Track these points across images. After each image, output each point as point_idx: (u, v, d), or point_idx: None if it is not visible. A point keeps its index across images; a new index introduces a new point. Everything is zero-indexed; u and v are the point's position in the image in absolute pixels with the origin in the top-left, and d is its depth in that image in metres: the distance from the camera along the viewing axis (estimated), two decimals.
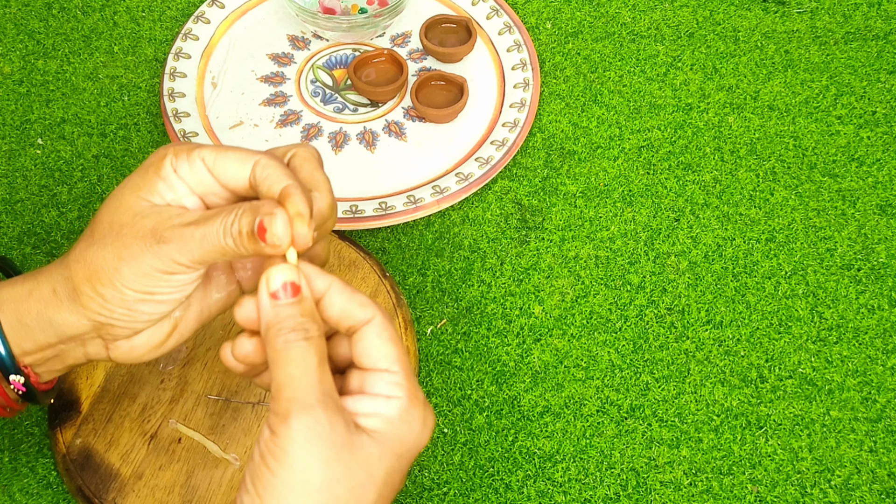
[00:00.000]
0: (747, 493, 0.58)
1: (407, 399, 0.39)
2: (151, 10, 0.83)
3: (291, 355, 0.38)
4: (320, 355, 0.38)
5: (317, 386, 0.37)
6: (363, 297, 0.40)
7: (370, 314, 0.40)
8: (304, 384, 0.37)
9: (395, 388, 0.39)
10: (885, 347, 0.64)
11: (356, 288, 0.41)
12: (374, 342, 0.40)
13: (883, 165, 0.73)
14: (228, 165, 0.43)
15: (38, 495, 0.58)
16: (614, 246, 0.69)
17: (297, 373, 0.37)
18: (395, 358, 0.40)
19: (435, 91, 0.76)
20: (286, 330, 0.38)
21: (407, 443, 0.39)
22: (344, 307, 0.40)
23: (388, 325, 0.40)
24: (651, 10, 0.83)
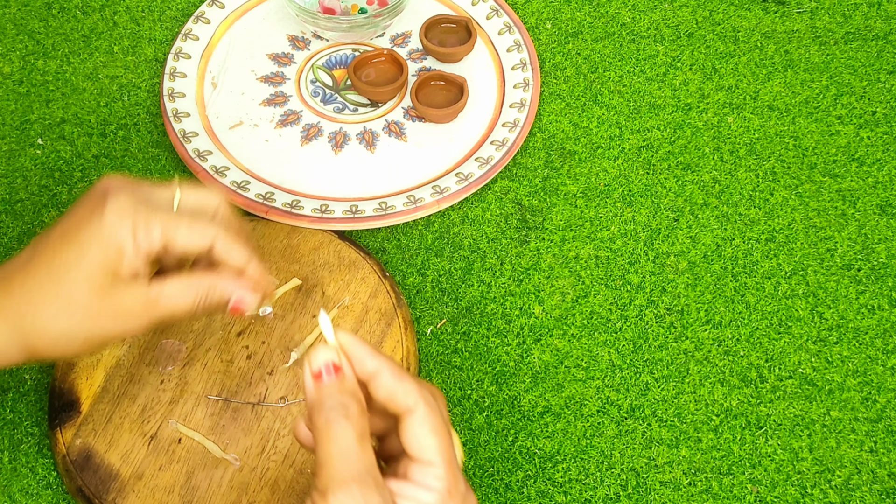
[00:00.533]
0: (747, 493, 0.58)
1: (445, 491, 0.40)
2: (151, 10, 0.83)
3: (331, 434, 0.39)
4: (360, 432, 0.40)
5: (354, 463, 0.39)
6: (410, 383, 0.41)
7: (412, 402, 0.41)
8: (341, 462, 0.39)
9: (434, 479, 0.40)
10: (885, 347, 0.64)
11: (406, 373, 0.42)
12: (416, 432, 0.41)
13: (883, 165, 0.73)
14: (186, 240, 0.48)
15: (37, 495, 0.58)
16: (614, 246, 0.69)
17: (335, 451, 0.39)
18: (435, 450, 0.41)
19: (435, 91, 0.76)
20: (326, 409, 0.40)
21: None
22: (390, 390, 0.41)
23: (430, 414, 0.41)
24: (651, 10, 0.83)
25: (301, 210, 0.68)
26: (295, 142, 0.74)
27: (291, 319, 0.63)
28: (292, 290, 0.64)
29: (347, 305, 0.63)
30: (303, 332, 0.62)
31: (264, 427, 0.58)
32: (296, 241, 0.67)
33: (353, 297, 0.64)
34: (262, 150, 0.73)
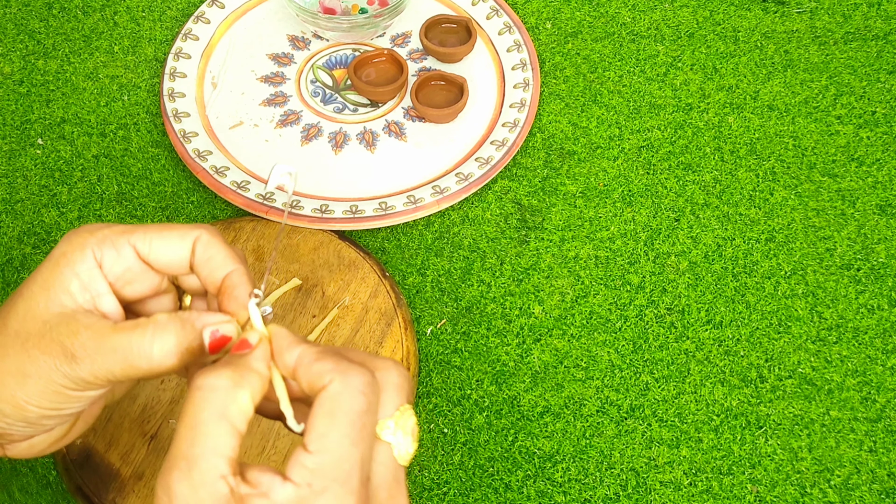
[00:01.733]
0: (747, 493, 0.58)
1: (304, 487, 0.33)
2: (151, 10, 0.83)
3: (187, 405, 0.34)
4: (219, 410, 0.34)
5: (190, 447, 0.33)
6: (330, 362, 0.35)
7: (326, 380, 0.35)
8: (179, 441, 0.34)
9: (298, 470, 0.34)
10: (885, 347, 0.64)
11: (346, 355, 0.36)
12: (313, 411, 0.35)
13: (883, 165, 0.73)
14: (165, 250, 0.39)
15: (37, 494, 0.58)
16: (614, 246, 0.69)
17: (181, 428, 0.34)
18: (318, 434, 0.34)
19: (435, 91, 0.76)
20: (199, 374, 0.34)
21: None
22: (308, 375, 0.36)
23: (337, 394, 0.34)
24: (651, 10, 0.83)
25: (301, 210, 0.68)
26: (295, 142, 0.74)
27: (291, 319, 0.63)
28: (292, 290, 0.64)
29: (347, 305, 0.63)
30: (303, 331, 0.62)
31: (264, 427, 0.58)
32: (296, 241, 0.67)
33: (353, 297, 0.64)
34: (262, 150, 0.73)
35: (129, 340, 0.36)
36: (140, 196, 0.71)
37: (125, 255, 0.38)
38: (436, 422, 0.61)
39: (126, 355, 0.36)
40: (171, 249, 0.39)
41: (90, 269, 0.38)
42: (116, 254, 0.38)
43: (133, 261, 0.39)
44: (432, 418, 0.61)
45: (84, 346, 0.36)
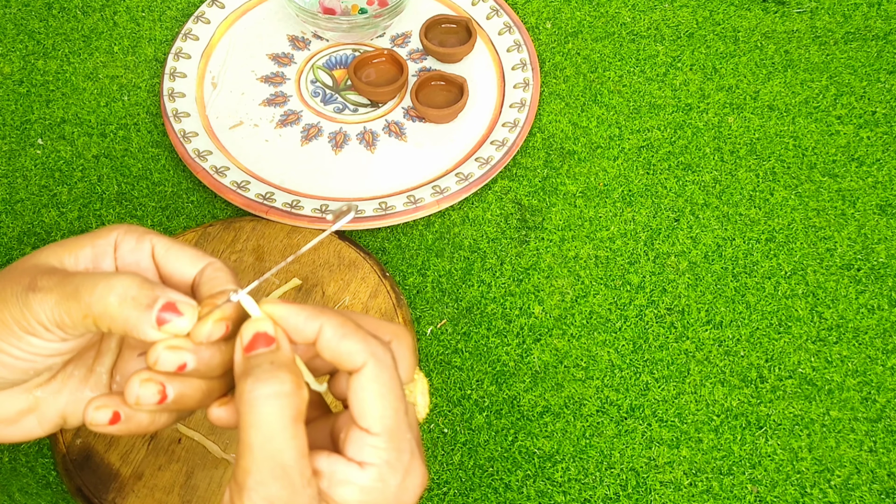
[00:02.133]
0: (747, 493, 0.58)
1: (385, 465, 0.36)
2: (151, 10, 0.83)
3: (259, 413, 0.34)
4: (293, 414, 0.34)
5: (281, 456, 0.34)
6: (356, 340, 0.36)
7: (360, 361, 0.36)
8: (266, 453, 0.34)
9: (371, 452, 0.36)
10: (885, 347, 0.64)
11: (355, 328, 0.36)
12: (358, 394, 0.36)
13: (883, 165, 0.73)
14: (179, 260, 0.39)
15: (37, 495, 0.58)
16: (614, 246, 0.69)
17: (262, 438, 0.34)
18: (377, 416, 0.36)
19: (435, 91, 0.76)
20: (253, 383, 0.35)
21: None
22: (334, 352, 0.36)
23: (378, 375, 0.36)
24: (651, 10, 0.83)
25: (301, 210, 0.68)
26: (295, 142, 0.74)
27: None
28: (292, 290, 0.64)
29: (347, 305, 0.63)
30: None
31: None
32: (296, 241, 0.67)
33: (353, 297, 0.64)
34: (262, 150, 0.73)
35: (91, 279, 0.36)
36: (140, 196, 0.71)
37: (142, 248, 0.39)
38: (436, 422, 0.61)
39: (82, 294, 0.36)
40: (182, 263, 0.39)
41: (105, 245, 0.38)
42: (135, 243, 0.39)
43: (146, 258, 0.39)
44: (432, 418, 0.61)
45: (48, 279, 0.36)
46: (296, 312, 0.37)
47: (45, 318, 0.36)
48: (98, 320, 0.36)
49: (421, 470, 0.37)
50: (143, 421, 0.38)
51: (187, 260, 0.39)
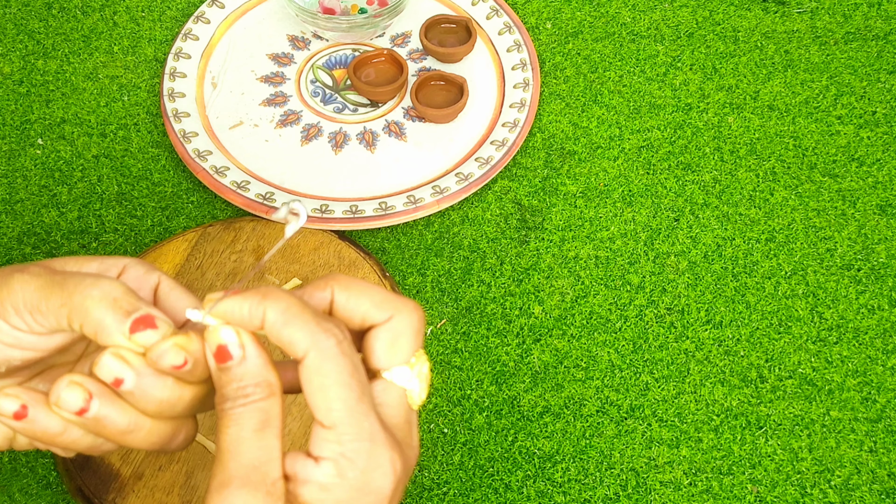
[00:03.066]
0: (747, 493, 0.58)
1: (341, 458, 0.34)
2: (151, 10, 0.83)
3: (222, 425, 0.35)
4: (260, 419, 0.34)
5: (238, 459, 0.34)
6: (298, 325, 0.34)
7: (302, 350, 0.34)
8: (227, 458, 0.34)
9: (325, 445, 0.35)
10: (885, 347, 0.64)
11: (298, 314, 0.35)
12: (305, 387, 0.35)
13: (883, 165, 0.73)
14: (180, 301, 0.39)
15: (37, 495, 0.58)
16: (614, 246, 0.69)
17: (224, 445, 0.34)
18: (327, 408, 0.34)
19: (435, 91, 0.76)
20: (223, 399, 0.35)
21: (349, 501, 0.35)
22: (279, 341, 0.35)
23: (320, 363, 0.34)
24: (651, 10, 0.83)
25: None
26: (295, 142, 0.74)
27: None
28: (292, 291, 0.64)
29: None
30: None
31: None
32: (296, 241, 0.67)
33: None
34: (262, 150, 0.73)
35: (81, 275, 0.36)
36: (140, 196, 0.71)
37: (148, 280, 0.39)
38: (436, 422, 0.61)
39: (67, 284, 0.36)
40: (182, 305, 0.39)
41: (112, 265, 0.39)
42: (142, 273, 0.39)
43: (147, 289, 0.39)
44: (432, 418, 0.61)
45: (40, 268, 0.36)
46: (239, 305, 0.35)
47: (21, 300, 0.35)
48: (72, 313, 0.35)
49: (388, 456, 0.35)
50: (52, 428, 0.37)
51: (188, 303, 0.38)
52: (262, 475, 0.34)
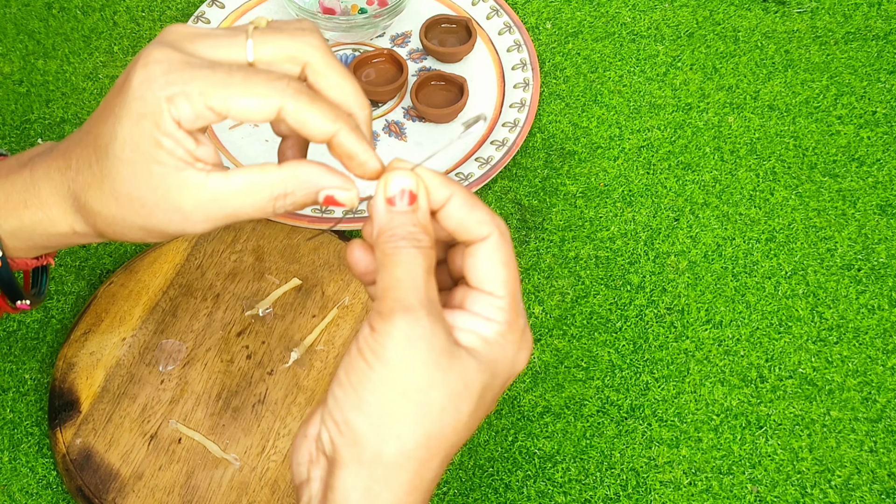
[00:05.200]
0: (747, 493, 0.58)
1: (506, 324, 0.38)
2: (151, 10, 0.83)
3: (400, 258, 0.37)
4: (428, 265, 0.37)
5: (422, 291, 0.36)
6: (484, 212, 0.38)
7: (486, 232, 0.38)
8: (409, 287, 0.36)
9: (496, 311, 0.38)
10: (886, 347, 0.64)
11: (479, 201, 0.39)
12: (484, 262, 0.38)
13: (883, 165, 0.73)
14: (247, 109, 0.38)
15: (37, 495, 0.58)
16: (614, 246, 0.69)
17: (404, 276, 0.37)
18: (502, 282, 0.38)
19: (435, 91, 0.76)
20: (398, 237, 0.37)
21: (500, 364, 0.38)
22: (462, 220, 0.38)
23: (502, 246, 0.38)
24: (651, 10, 0.83)
25: (301, 210, 0.68)
26: None
27: (291, 319, 0.63)
28: (292, 290, 0.64)
29: (347, 305, 0.63)
30: (303, 331, 0.62)
31: (264, 427, 0.58)
32: (296, 241, 0.67)
33: (352, 297, 0.64)
34: (262, 150, 0.73)
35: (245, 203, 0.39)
36: None
37: (202, 114, 0.38)
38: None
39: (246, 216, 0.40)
40: (252, 115, 0.38)
41: (173, 130, 0.38)
42: (193, 114, 0.37)
43: (212, 116, 0.38)
44: None
45: (200, 209, 0.39)
46: (431, 175, 0.39)
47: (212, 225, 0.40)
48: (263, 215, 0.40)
49: (531, 337, 0.40)
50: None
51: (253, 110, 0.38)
52: (439, 311, 0.37)
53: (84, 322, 0.62)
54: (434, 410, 0.36)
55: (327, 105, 0.40)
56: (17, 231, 0.43)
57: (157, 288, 0.64)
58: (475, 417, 0.38)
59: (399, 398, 0.35)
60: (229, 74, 0.38)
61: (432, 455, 0.36)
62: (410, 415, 0.36)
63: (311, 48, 0.40)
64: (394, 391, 0.35)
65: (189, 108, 0.37)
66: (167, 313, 0.63)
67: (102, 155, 0.39)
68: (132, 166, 0.38)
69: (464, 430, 0.37)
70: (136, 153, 0.38)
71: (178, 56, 0.38)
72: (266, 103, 0.38)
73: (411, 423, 0.36)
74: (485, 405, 0.38)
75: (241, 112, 0.38)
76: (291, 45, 0.40)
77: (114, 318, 0.62)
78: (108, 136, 0.39)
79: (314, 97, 0.39)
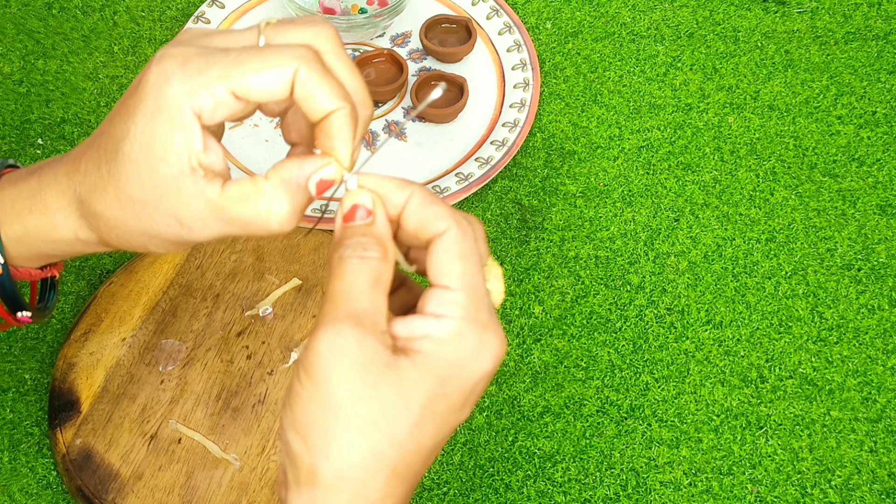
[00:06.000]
0: (747, 493, 0.58)
1: (461, 320, 0.36)
2: (151, 10, 0.83)
3: (340, 270, 0.36)
4: (372, 276, 0.36)
5: (352, 303, 0.35)
6: (442, 207, 0.37)
7: (444, 226, 0.37)
8: (340, 299, 0.35)
9: (450, 306, 0.36)
10: (886, 347, 0.64)
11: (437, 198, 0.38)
12: (440, 256, 0.37)
13: (883, 165, 0.73)
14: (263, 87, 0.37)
15: (37, 495, 0.58)
16: (614, 246, 0.69)
17: (340, 288, 0.36)
18: (457, 274, 0.36)
19: None
20: (343, 247, 0.37)
21: (455, 366, 0.36)
22: (420, 218, 0.37)
23: (460, 239, 0.37)
24: (651, 10, 0.83)
25: None
26: None
27: (291, 319, 0.63)
28: (292, 290, 0.64)
29: None
30: (303, 331, 0.62)
31: (264, 427, 0.58)
32: (296, 241, 0.67)
33: None
34: (262, 150, 0.73)
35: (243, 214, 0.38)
36: None
37: (222, 100, 0.37)
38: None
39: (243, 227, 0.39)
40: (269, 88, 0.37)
41: (189, 125, 0.37)
42: (213, 102, 0.37)
43: (231, 102, 0.37)
44: None
45: (196, 218, 0.38)
46: (387, 181, 0.38)
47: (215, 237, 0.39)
48: None
49: (499, 334, 0.37)
50: None
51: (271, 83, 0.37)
52: (373, 322, 0.35)
53: (84, 322, 0.62)
54: (365, 426, 0.34)
55: (338, 83, 0.38)
56: (22, 237, 0.43)
57: (157, 288, 0.64)
58: (425, 429, 0.35)
59: (326, 415, 0.34)
60: (244, 53, 0.37)
61: (372, 474, 0.35)
62: (341, 432, 0.34)
63: (323, 38, 0.39)
64: (320, 408, 0.34)
65: (209, 97, 0.36)
66: (167, 313, 0.63)
67: (112, 155, 0.39)
68: (138, 165, 0.38)
69: (410, 444, 0.35)
70: (144, 151, 0.37)
71: (192, 49, 0.37)
72: (282, 73, 0.37)
73: (343, 440, 0.34)
74: (436, 413, 0.36)
75: (260, 87, 0.37)
76: (303, 34, 0.39)
77: (114, 318, 0.62)
78: (119, 135, 0.38)
79: (327, 70, 0.38)
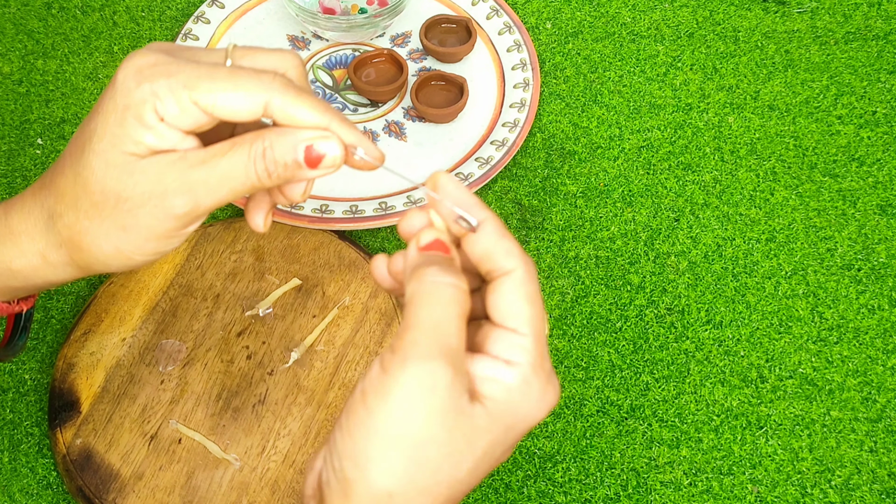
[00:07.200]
0: (747, 493, 0.58)
1: (530, 367, 0.35)
2: (151, 10, 0.83)
3: (437, 296, 0.34)
4: (463, 310, 0.35)
5: (448, 339, 0.34)
6: (513, 244, 0.36)
7: (512, 265, 0.36)
8: (435, 332, 0.34)
9: (519, 351, 0.35)
10: (886, 347, 0.64)
11: (508, 232, 0.37)
12: (507, 297, 0.36)
13: (883, 165, 0.73)
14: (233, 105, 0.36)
15: (37, 496, 0.58)
16: (614, 246, 0.69)
17: (434, 318, 0.34)
18: (526, 319, 0.35)
19: (435, 91, 0.76)
20: (438, 272, 0.35)
21: (520, 415, 0.36)
22: (489, 249, 0.36)
23: (528, 281, 0.36)
24: (651, 10, 0.83)
25: (301, 210, 0.68)
26: None
27: (291, 319, 0.63)
28: (292, 290, 0.64)
29: (347, 305, 0.63)
30: (303, 331, 0.62)
31: (264, 427, 0.58)
32: (296, 241, 0.67)
33: (353, 297, 0.64)
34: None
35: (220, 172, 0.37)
36: None
37: (187, 110, 0.36)
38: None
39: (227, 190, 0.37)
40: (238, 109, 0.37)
41: (156, 124, 0.37)
42: (178, 110, 0.36)
43: (196, 113, 0.37)
44: None
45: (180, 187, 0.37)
46: (468, 196, 0.38)
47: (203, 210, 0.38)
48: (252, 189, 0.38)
49: (556, 385, 0.37)
50: None
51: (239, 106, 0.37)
52: (462, 363, 0.34)
53: (84, 322, 0.62)
54: (428, 468, 0.34)
55: (315, 99, 0.37)
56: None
57: (157, 288, 0.64)
58: (480, 470, 0.36)
59: (390, 450, 0.33)
60: (214, 69, 0.36)
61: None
62: (404, 471, 0.34)
63: (290, 66, 0.39)
64: (386, 442, 0.33)
65: (174, 103, 0.36)
66: (167, 313, 0.63)
67: (79, 156, 0.38)
68: (104, 156, 0.37)
69: (464, 484, 0.35)
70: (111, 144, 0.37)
71: (164, 56, 0.37)
72: (252, 99, 0.36)
73: (403, 478, 0.34)
74: (491, 458, 0.36)
75: (227, 107, 0.36)
76: (270, 59, 0.39)
77: (114, 318, 0.62)
78: (89, 133, 0.38)
79: (300, 91, 0.37)
